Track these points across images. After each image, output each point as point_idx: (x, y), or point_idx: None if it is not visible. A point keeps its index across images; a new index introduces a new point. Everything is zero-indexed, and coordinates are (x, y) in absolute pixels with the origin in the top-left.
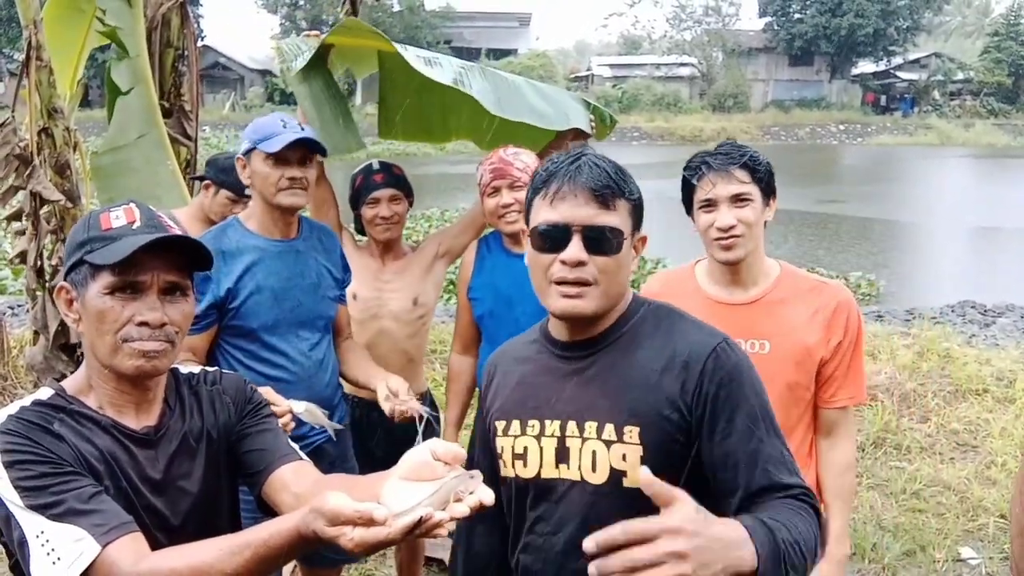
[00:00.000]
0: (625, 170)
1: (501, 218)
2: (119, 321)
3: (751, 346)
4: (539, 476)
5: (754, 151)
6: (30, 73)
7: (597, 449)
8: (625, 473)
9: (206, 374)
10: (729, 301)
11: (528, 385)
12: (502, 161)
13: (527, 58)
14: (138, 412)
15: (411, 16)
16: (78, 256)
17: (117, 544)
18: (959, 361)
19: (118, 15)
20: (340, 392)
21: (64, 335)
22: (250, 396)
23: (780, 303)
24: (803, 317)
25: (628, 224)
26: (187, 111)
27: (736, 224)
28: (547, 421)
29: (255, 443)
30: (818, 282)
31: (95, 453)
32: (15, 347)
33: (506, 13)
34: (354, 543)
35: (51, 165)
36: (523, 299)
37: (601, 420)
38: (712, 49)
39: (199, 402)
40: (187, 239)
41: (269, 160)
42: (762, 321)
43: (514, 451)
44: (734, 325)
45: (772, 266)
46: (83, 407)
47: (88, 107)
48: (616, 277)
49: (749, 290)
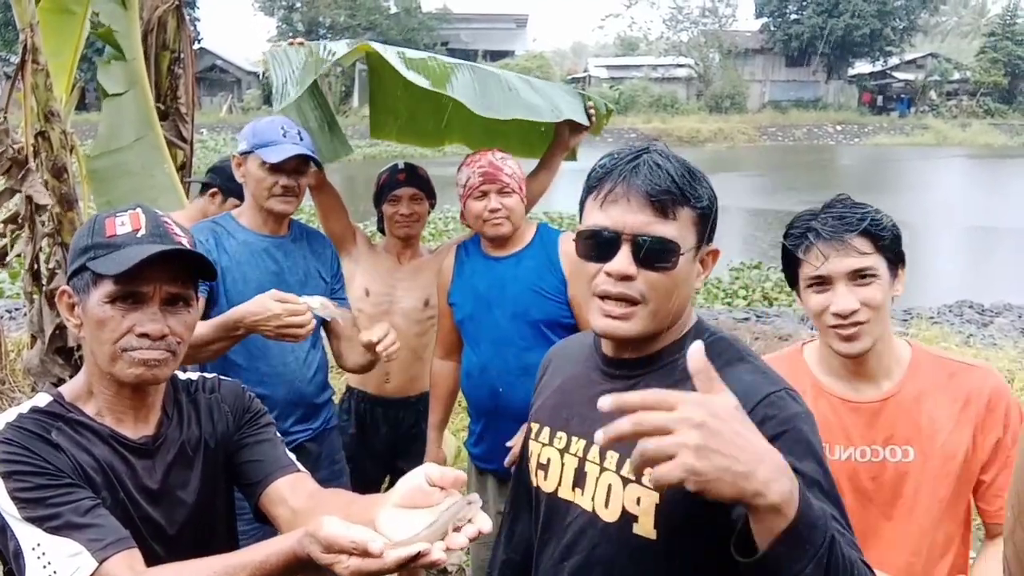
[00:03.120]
0: (697, 172)
1: (487, 222)
2: (119, 331)
3: (891, 453)
4: (556, 494)
5: (875, 212)
6: (26, 76)
7: (613, 483)
8: (636, 519)
9: (204, 381)
10: (856, 400)
11: (567, 392)
12: (492, 165)
13: (524, 59)
14: (136, 420)
15: (408, 18)
16: (81, 261)
17: (114, 560)
18: None
19: (113, 18)
20: (329, 393)
21: (61, 339)
22: (248, 405)
23: (919, 398)
24: (950, 412)
25: (691, 236)
26: (183, 114)
27: (859, 308)
28: (574, 437)
29: (253, 454)
30: (960, 365)
31: (92, 463)
32: (13, 350)
33: (503, 15)
34: (349, 572)
35: (48, 168)
36: (502, 301)
37: (624, 453)
38: (709, 50)
39: (197, 411)
40: (192, 252)
41: (265, 167)
42: (901, 422)
43: (539, 460)
44: (867, 429)
45: (902, 350)
46: (81, 415)
47: (85, 110)
48: (669, 296)
49: (881, 384)
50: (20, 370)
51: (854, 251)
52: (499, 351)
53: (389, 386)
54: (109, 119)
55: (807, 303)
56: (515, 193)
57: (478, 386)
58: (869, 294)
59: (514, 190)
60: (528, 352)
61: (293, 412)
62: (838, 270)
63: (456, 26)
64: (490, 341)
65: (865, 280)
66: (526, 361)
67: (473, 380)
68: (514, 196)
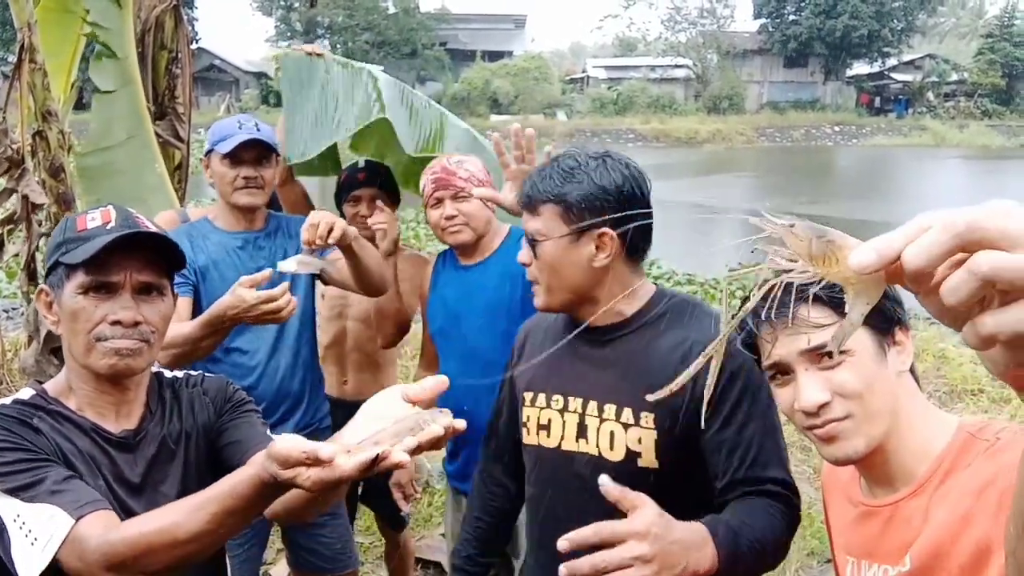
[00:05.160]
0: (564, 171)
1: (444, 231)
2: (92, 320)
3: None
4: (560, 448)
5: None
6: (23, 75)
7: (615, 430)
8: (640, 454)
9: (189, 377)
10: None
11: (553, 360)
12: (445, 171)
13: (522, 60)
14: (118, 415)
15: (406, 18)
16: (55, 258)
17: (89, 518)
18: (954, 362)
19: (106, 16)
20: (319, 392)
21: (56, 339)
22: (231, 395)
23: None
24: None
25: (555, 225)
26: (180, 113)
27: (829, 400)
28: (570, 398)
29: (233, 436)
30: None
31: (74, 451)
32: (10, 350)
33: (501, 15)
34: (311, 483)
35: (45, 168)
36: (469, 313)
37: (620, 404)
38: (707, 51)
39: (179, 405)
40: (156, 235)
41: (225, 160)
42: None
43: (539, 422)
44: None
45: (935, 440)
46: (63, 408)
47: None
48: (555, 273)
49: (898, 489)
50: (17, 370)
51: (806, 325)
52: (466, 367)
53: (348, 387)
54: (100, 117)
55: (779, 401)
56: (472, 197)
57: (446, 403)
58: (840, 378)
59: (471, 194)
60: (496, 367)
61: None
62: (789, 352)
63: (454, 26)
64: (458, 356)
65: (833, 360)
66: (494, 375)
67: (443, 396)
68: (472, 201)
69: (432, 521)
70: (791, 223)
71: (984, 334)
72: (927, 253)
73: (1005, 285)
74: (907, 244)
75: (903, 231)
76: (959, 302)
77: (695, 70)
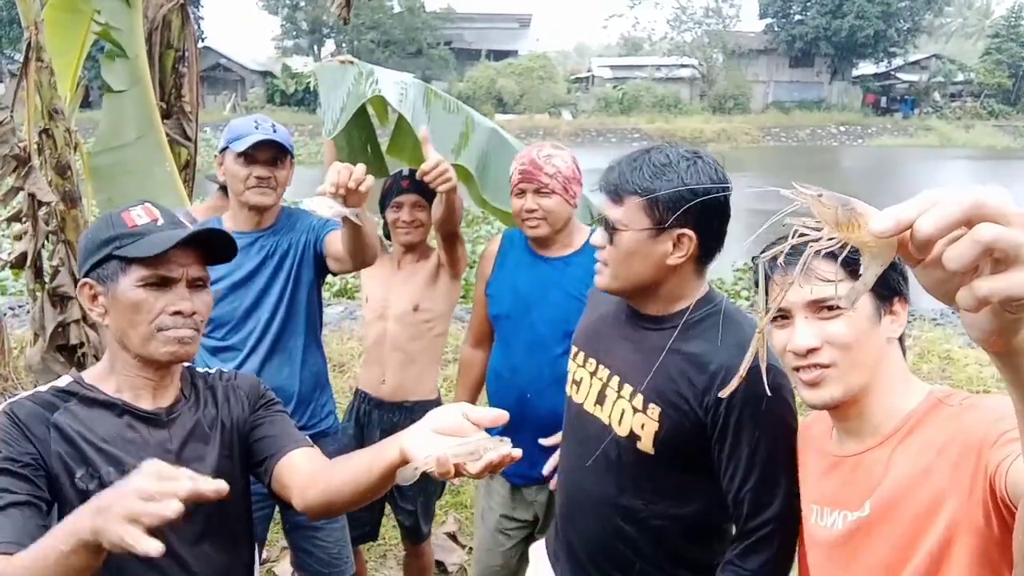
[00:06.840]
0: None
1: (524, 222)
2: (154, 311)
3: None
4: (583, 406)
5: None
6: (29, 74)
7: (626, 409)
8: (640, 439)
9: (221, 372)
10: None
11: (600, 326)
12: (532, 164)
13: (527, 59)
14: (155, 396)
15: (411, 17)
16: (105, 252)
17: None
18: (960, 363)
19: (116, 15)
20: (323, 393)
21: (62, 336)
22: (263, 392)
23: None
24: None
25: (637, 218)
26: (187, 112)
27: (820, 347)
28: (601, 365)
29: (265, 431)
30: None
31: (96, 438)
32: (16, 348)
33: (506, 15)
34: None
35: (52, 166)
36: (541, 303)
37: (636, 388)
38: (712, 50)
39: (214, 394)
40: (221, 233)
41: (239, 159)
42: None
43: (574, 377)
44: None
45: (908, 401)
46: (98, 392)
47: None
48: (626, 262)
49: (866, 441)
50: (23, 367)
51: (815, 277)
52: (533, 356)
53: (385, 388)
54: (110, 116)
55: (773, 340)
56: (555, 194)
57: (506, 388)
58: (834, 330)
59: (555, 191)
60: (562, 361)
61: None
62: (794, 300)
63: (460, 25)
64: (525, 344)
65: (832, 312)
66: (559, 370)
67: (503, 382)
68: (554, 197)
69: (437, 520)
70: (819, 193)
71: (980, 295)
72: (937, 222)
73: (1001, 254)
74: (919, 214)
75: (915, 203)
76: (960, 267)
77: (700, 70)
